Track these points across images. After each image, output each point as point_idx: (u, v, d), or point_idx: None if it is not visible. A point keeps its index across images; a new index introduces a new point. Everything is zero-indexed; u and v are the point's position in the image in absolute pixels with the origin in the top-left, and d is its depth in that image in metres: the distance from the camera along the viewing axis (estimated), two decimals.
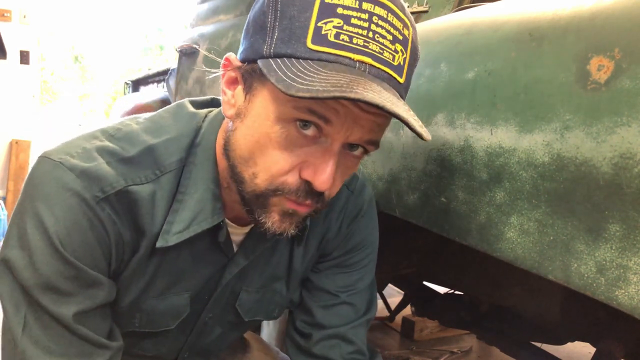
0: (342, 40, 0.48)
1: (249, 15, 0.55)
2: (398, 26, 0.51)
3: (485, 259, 1.08)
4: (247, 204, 0.57)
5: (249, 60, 0.53)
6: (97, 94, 11.63)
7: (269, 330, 1.47)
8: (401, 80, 0.53)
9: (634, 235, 0.46)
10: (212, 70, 0.63)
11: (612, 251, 0.47)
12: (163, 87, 2.89)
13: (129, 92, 3.54)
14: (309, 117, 0.50)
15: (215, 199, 0.61)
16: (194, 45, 1.99)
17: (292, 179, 0.54)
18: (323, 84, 0.45)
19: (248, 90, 0.54)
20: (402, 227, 1.09)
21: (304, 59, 0.48)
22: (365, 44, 0.49)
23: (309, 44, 0.48)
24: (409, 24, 0.53)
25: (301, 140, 0.52)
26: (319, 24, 0.48)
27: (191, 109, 0.65)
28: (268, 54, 0.50)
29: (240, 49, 0.56)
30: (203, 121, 0.63)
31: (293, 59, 0.49)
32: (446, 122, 0.68)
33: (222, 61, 0.57)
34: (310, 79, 0.46)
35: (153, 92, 2.97)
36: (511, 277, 1.07)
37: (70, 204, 0.53)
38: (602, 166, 0.48)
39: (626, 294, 0.46)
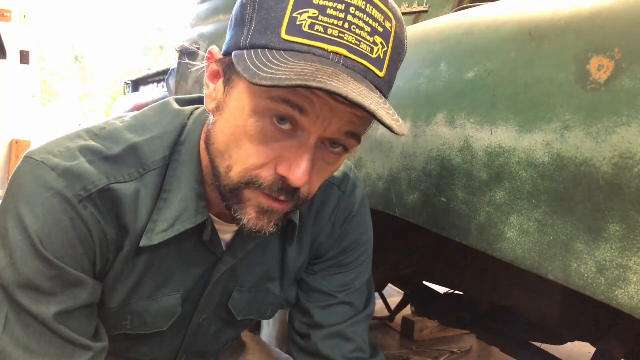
0: (317, 31, 0.47)
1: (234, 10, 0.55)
2: (378, 18, 0.49)
3: (485, 259, 1.08)
4: (224, 199, 0.57)
5: (230, 53, 0.52)
6: (97, 94, 11.63)
7: (269, 330, 1.47)
8: (381, 74, 0.51)
9: (634, 235, 0.46)
10: (195, 63, 0.63)
11: (612, 251, 0.47)
12: (163, 87, 2.89)
13: (129, 92, 3.54)
14: (282, 107, 0.49)
15: (199, 198, 0.60)
16: (194, 45, 1.98)
17: (266, 173, 0.53)
18: (287, 73, 0.44)
19: (227, 83, 0.54)
20: (402, 227, 1.09)
21: (277, 49, 0.48)
22: (341, 34, 0.48)
23: (283, 35, 0.48)
24: (391, 16, 0.51)
25: (277, 134, 0.51)
26: (294, 15, 0.47)
27: (176, 107, 0.64)
28: (244, 45, 0.50)
29: (225, 43, 0.55)
30: (188, 119, 0.63)
31: (266, 50, 0.48)
32: (446, 122, 0.68)
33: (206, 54, 0.57)
34: (277, 68, 0.45)
35: (153, 92, 2.97)
36: (511, 277, 1.07)
37: (51, 204, 0.53)
38: (602, 166, 0.48)
39: (626, 293, 0.46)
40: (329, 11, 0.47)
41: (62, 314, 0.55)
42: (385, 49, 0.51)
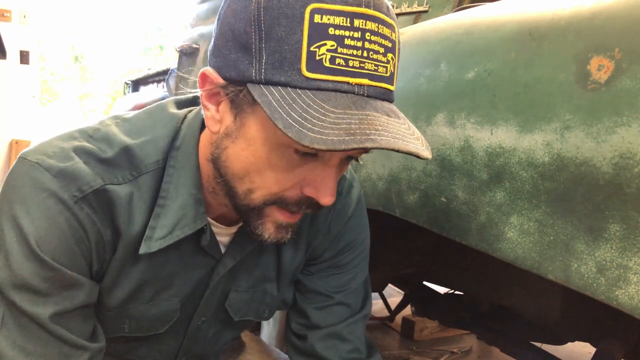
0: (338, 64, 0.47)
1: (219, 25, 0.52)
2: (387, 34, 0.49)
3: (485, 259, 1.08)
4: (241, 215, 0.58)
5: (234, 80, 0.51)
6: (97, 94, 11.62)
7: (268, 330, 1.46)
8: (393, 88, 0.52)
9: (634, 235, 0.46)
10: (192, 90, 0.63)
11: (612, 251, 0.47)
12: (163, 87, 2.89)
13: (129, 92, 3.54)
14: (307, 148, 0.49)
15: (197, 204, 0.60)
16: (194, 45, 1.99)
17: (292, 193, 0.55)
18: (336, 131, 0.44)
19: (237, 111, 0.52)
20: (402, 227, 1.09)
21: (301, 88, 0.47)
22: (361, 64, 0.47)
23: (305, 72, 0.47)
24: (394, 25, 0.51)
25: (300, 160, 0.52)
26: (312, 48, 0.46)
27: (171, 110, 0.64)
28: (258, 79, 0.48)
29: (217, 61, 0.53)
30: (182, 123, 0.62)
31: (289, 89, 0.47)
32: (446, 122, 0.68)
33: (197, 78, 0.55)
34: (320, 123, 0.45)
35: (153, 92, 2.97)
36: (511, 277, 1.07)
37: (47, 205, 0.53)
38: (602, 166, 0.48)
39: (626, 294, 0.46)
40: (347, 41, 0.46)
41: (58, 315, 0.55)
42: (394, 61, 0.51)
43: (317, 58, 0.46)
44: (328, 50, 0.46)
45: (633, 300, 0.46)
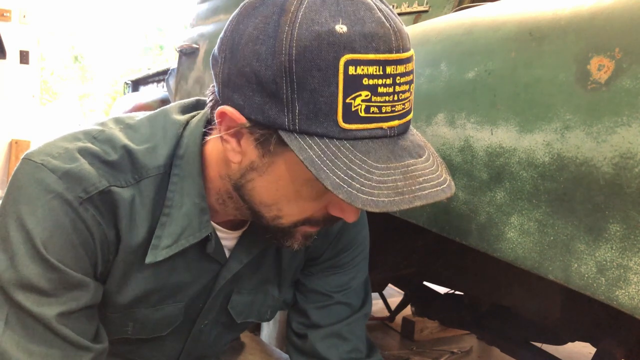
0: (373, 112, 0.47)
1: (235, 62, 0.50)
2: (410, 68, 0.50)
3: (485, 259, 1.08)
4: (269, 232, 0.60)
5: (261, 124, 0.50)
6: (97, 94, 11.62)
7: (268, 330, 1.46)
8: (411, 117, 0.53)
9: (634, 235, 0.46)
10: (213, 130, 0.60)
11: (613, 251, 0.47)
12: (163, 87, 2.89)
13: (128, 92, 3.54)
14: None
15: (202, 213, 0.60)
16: (194, 45, 1.99)
17: (318, 214, 0.57)
18: (385, 192, 0.46)
19: (265, 150, 0.52)
20: (402, 227, 1.09)
21: (338, 139, 0.48)
22: (393, 108, 0.48)
23: (341, 123, 0.47)
24: (413, 55, 0.51)
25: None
26: (348, 100, 0.46)
27: (173, 116, 0.64)
28: (292, 128, 0.48)
29: (236, 98, 0.51)
30: (184, 129, 0.62)
31: (327, 140, 0.48)
32: (446, 122, 0.68)
33: (216, 115, 0.53)
34: (368, 182, 0.46)
35: (153, 92, 2.97)
36: (511, 277, 1.07)
37: (52, 206, 0.53)
38: (602, 166, 0.48)
39: (626, 294, 0.46)
40: (380, 89, 0.47)
41: (63, 315, 0.55)
42: (413, 88, 0.52)
43: (353, 109, 0.47)
44: (363, 101, 0.47)
45: (633, 300, 0.46)
